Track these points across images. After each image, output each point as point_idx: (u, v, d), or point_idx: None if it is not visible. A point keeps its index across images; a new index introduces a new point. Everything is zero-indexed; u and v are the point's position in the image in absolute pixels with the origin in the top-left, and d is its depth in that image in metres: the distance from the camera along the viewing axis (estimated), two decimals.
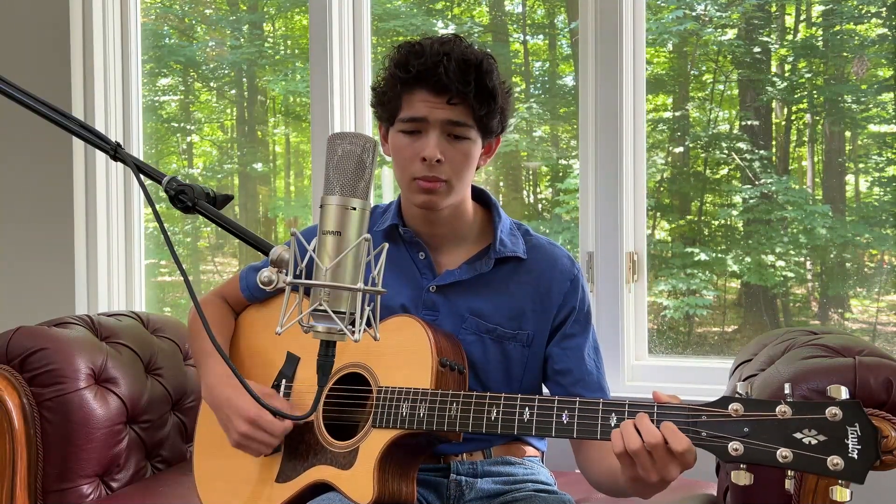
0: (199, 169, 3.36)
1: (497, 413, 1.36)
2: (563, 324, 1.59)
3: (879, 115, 2.47)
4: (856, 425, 1.09)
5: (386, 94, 1.52)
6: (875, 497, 1.72)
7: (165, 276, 3.27)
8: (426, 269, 1.60)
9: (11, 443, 1.89)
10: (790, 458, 1.11)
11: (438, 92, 1.46)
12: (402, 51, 1.50)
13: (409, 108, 1.49)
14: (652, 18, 2.55)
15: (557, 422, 1.30)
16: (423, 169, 1.48)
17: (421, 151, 1.48)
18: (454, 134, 1.49)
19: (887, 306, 2.48)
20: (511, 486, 1.60)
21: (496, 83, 1.49)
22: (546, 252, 1.62)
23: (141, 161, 1.15)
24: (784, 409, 1.13)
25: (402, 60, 1.48)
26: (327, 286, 1.01)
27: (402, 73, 1.47)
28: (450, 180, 1.50)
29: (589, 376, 1.58)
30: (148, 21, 3.17)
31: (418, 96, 1.48)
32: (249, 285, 1.75)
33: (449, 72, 1.44)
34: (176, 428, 2.25)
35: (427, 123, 1.48)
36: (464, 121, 1.48)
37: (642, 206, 2.42)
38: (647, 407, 1.24)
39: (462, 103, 1.47)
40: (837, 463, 1.09)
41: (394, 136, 1.53)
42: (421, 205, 1.53)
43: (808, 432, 1.12)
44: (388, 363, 1.49)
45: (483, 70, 1.47)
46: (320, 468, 1.50)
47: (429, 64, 1.45)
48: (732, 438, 1.15)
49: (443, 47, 1.47)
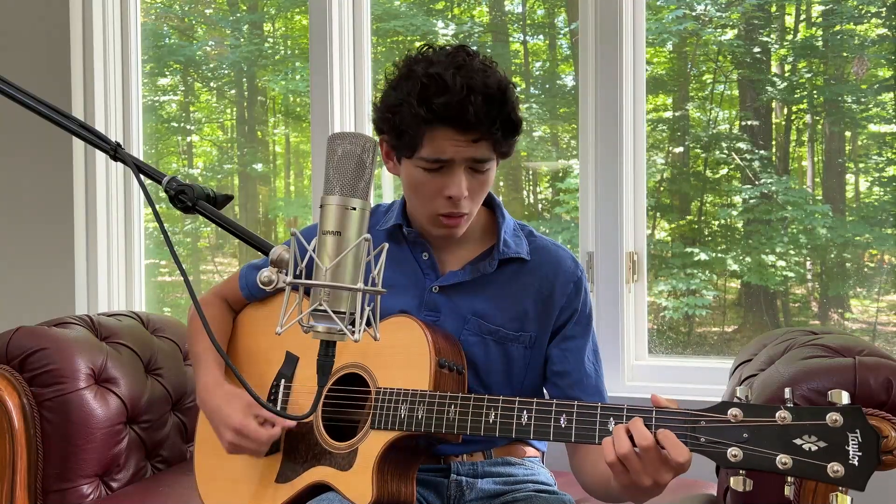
0: (199, 169, 3.36)
1: (495, 416, 1.36)
2: (564, 325, 1.59)
3: (879, 115, 2.46)
4: (857, 431, 1.08)
5: (404, 127, 1.43)
6: (875, 497, 1.72)
7: (165, 276, 3.27)
8: (429, 269, 1.59)
9: (11, 443, 1.89)
10: (790, 465, 1.10)
11: (464, 131, 1.40)
12: (419, 83, 1.41)
13: (433, 148, 1.42)
14: (652, 18, 2.55)
15: (555, 425, 1.30)
16: (447, 206, 1.47)
17: (445, 190, 1.45)
18: (477, 169, 1.46)
19: (887, 306, 2.48)
20: (511, 487, 1.60)
21: (518, 112, 1.46)
22: (550, 253, 1.61)
23: (141, 161, 1.15)
24: (784, 414, 1.12)
25: (425, 96, 1.40)
26: (327, 286, 1.00)
27: (426, 112, 1.39)
28: (471, 212, 1.51)
29: (587, 379, 1.58)
30: (148, 21, 3.17)
31: (442, 134, 1.41)
32: (249, 284, 1.75)
33: (478, 111, 1.38)
34: (176, 428, 2.25)
35: (452, 163, 1.43)
36: (487, 156, 1.45)
37: (642, 206, 2.42)
38: (646, 412, 1.24)
39: (488, 139, 1.43)
40: (838, 470, 1.08)
41: (411, 169, 1.48)
42: (441, 236, 1.53)
43: (808, 438, 1.10)
44: (386, 364, 1.49)
45: (508, 102, 1.42)
46: (319, 469, 1.50)
47: (454, 101, 1.38)
48: (731, 444, 1.14)
49: (466, 80, 1.38)
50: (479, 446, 1.60)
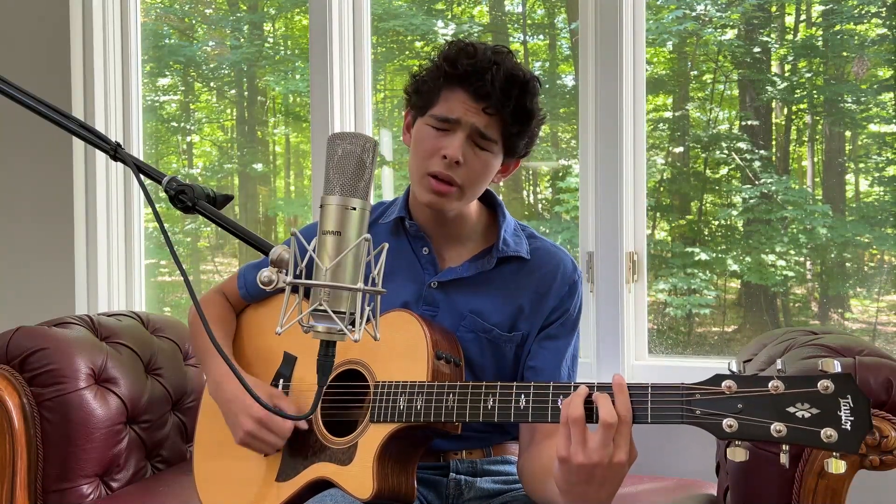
0: (199, 169, 3.36)
1: (493, 401, 1.35)
2: (550, 324, 1.59)
3: (879, 115, 2.46)
4: (848, 397, 1.10)
5: (426, 84, 1.51)
6: (876, 497, 1.72)
7: (165, 276, 3.27)
8: (429, 264, 1.60)
9: (11, 443, 1.89)
10: (784, 433, 1.12)
11: (478, 97, 1.46)
12: (455, 47, 1.50)
13: (445, 106, 1.48)
14: (652, 18, 2.55)
15: (553, 407, 1.30)
16: (440, 165, 1.48)
17: (443, 149, 1.47)
18: (479, 143, 1.49)
19: (887, 306, 2.48)
20: (510, 486, 1.60)
21: (535, 106, 1.50)
22: (550, 254, 1.62)
23: (141, 161, 1.15)
24: (776, 384, 1.14)
25: (453, 56, 1.48)
26: (327, 286, 1.00)
27: (449, 68, 1.47)
28: (463, 186, 1.50)
29: (560, 380, 1.57)
30: (148, 21, 3.17)
31: (457, 95, 1.47)
32: (247, 284, 1.75)
33: (495, 81, 1.44)
34: (176, 428, 2.25)
35: (458, 125, 1.47)
36: (492, 134, 1.48)
37: (642, 206, 2.42)
38: (640, 387, 1.23)
39: (496, 115, 1.47)
40: (831, 435, 1.10)
41: (420, 127, 1.53)
42: (427, 203, 1.52)
43: (801, 406, 1.12)
44: (384, 358, 1.50)
45: (528, 90, 1.48)
46: (320, 465, 1.50)
47: (478, 67, 1.45)
48: (726, 415, 1.16)
49: (495, 56, 1.47)
50: (478, 444, 1.60)
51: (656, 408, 1.21)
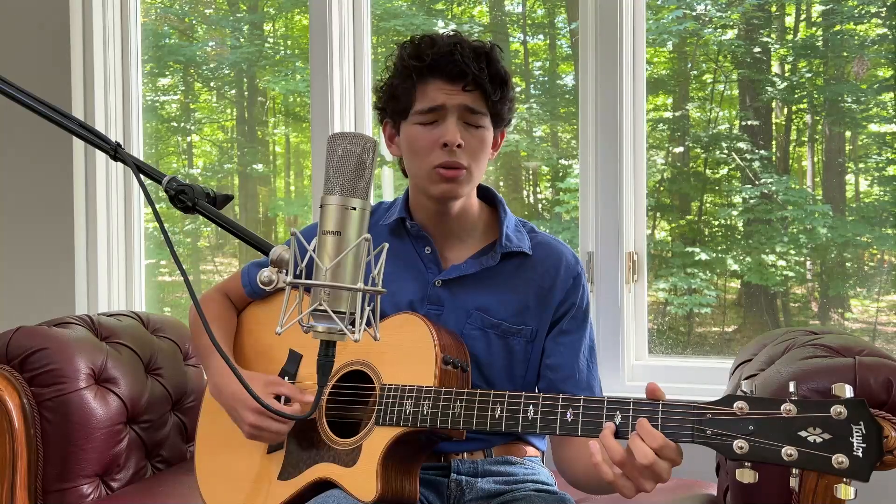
0: (199, 169, 3.36)
1: (501, 411, 1.35)
2: (560, 319, 1.59)
3: (879, 115, 2.47)
4: (860, 423, 1.09)
5: (398, 88, 1.53)
6: (876, 497, 1.72)
7: (165, 276, 3.27)
8: (432, 263, 1.60)
9: (11, 443, 1.89)
10: (795, 457, 1.11)
11: (454, 79, 1.49)
12: (411, 45, 1.53)
13: (425, 99, 1.50)
14: (652, 18, 2.55)
15: (562, 420, 1.30)
16: (443, 155, 1.49)
17: (441, 138, 1.49)
18: (470, 122, 1.51)
19: (887, 306, 2.48)
20: (511, 486, 1.60)
21: (505, 70, 1.54)
22: (552, 248, 1.63)
23: (141, 161, 1.15)
24: (789, 407, 1.13)
25: (415, 52, 1.51)
26: (327, 286, 1.00)
27: (417, 63, 1.49)
28: (469, 166, 1.51)
29: (580, 374, 1.58)
30: (148, 21, 3.17)
31: (433, 85, 1.50)
32: (251, 281, 1.75)
33: (464, 57, 1.47)
34: (176, 428, 2.25)
35: (444, 111, 1.49)
36: (479, 108, 1.51)
37: (642, 206, 2.42)
38: (651, 406, 1.23)
39: (477, 89, 1.50)
40: (842, 461, 1.09)
41: (408, 130, 1.54)
42: (441, 194, 1.53)
43: (813, 430, 1.11)
44: (391, 361, 1.49)
45: (493, 57, 1.51)
46: (323, 465, 1.50)
47: (443, 51, 1.48)
48: (738, 437, 1.15)
49: (452, 38, 1.51)
50: (479, 444, 1.60)
51: (667, 426, 1.21)
